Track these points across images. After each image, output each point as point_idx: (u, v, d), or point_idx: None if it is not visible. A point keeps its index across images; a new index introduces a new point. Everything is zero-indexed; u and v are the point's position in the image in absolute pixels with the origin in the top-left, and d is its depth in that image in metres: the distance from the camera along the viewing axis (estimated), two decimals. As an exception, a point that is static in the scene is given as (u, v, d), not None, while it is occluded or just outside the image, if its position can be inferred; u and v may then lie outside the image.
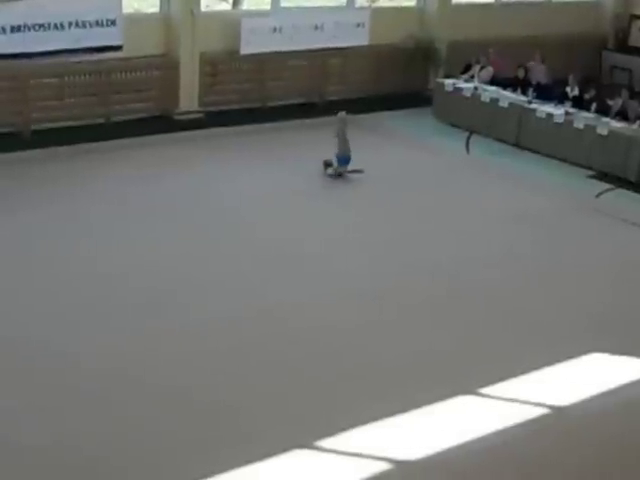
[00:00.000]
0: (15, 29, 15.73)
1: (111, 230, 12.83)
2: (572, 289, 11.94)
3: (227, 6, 20.31)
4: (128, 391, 9.00)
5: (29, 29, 15.88)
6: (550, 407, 9.17)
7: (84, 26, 16.45)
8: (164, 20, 17.82)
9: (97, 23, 16.56)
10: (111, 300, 10.80)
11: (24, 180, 14.49)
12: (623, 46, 23.85)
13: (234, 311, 10.74)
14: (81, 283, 11.18)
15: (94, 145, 16.15)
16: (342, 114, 15.56)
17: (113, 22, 16.69)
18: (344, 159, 15.36)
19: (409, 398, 9.09)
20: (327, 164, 15.42)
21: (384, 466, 8.12)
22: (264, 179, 15.23)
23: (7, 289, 10.98)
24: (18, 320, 10.23)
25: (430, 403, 9.02)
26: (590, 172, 16.51)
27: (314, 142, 16.90)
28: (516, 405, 9.15)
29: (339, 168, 15.31)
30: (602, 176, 16.30)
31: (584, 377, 9.79)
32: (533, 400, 9.24)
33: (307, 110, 19.07)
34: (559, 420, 9.06)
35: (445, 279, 12.00)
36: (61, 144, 15.90)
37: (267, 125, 18.07)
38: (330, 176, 15.32)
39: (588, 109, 17.37)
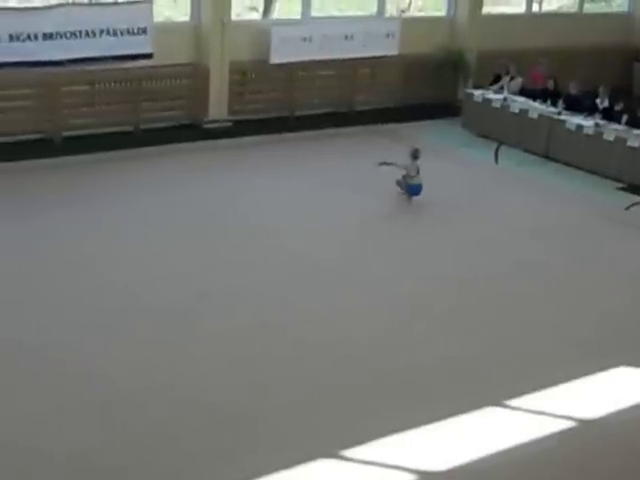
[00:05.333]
0: (47, 37, 15.88)
1: (137, 238, 12.90)
2: (600, 302, 11.85)
3: (257, 15, 20.35)
4: (151, 399, 9.01)
5: (61, 37, 16.02)
6: (577, 420, 9.11)
7: (115, 34, 16.58)
8: (195, 29, 17.91)
9: (128, 31, 16.68)
10: (135, 308, 10.83)
11: (53, 186, 14.61)
12: (654, 58, 23.75)
13: (258, 320, 10.74)
14: (105, 290, 11.23)
15: (124, 152, 16.26)
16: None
17: (144, 30, 16.80)
18: (415, 188, 14.87)
19: (435, 409, 9.06)
20: (414, 155, 14.77)
21: (409, 477, 8.08)
22: (292, 188, 15.25)
23: (32, 293, 11.07)
24: (36, 325, 10.29)
25: (456, 414, 8.98)
26: (620, 184, 16.42)
27: (342, 152, 16.92)
28: (543, 417, 9.09)
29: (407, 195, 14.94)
30: (632, 189, 16.19)
31: (611, 390, 9.71)
32: (560, 413, 9.18)
33: (336, 120, 19.09)
34: (586, 433, 8.99)
35: (471, 290, 11.95)
36: (91, 151, 16.02)
37: (296, 134, 18.11)
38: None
39: (618, 121, 17.28)
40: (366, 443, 8.45)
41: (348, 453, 8.31)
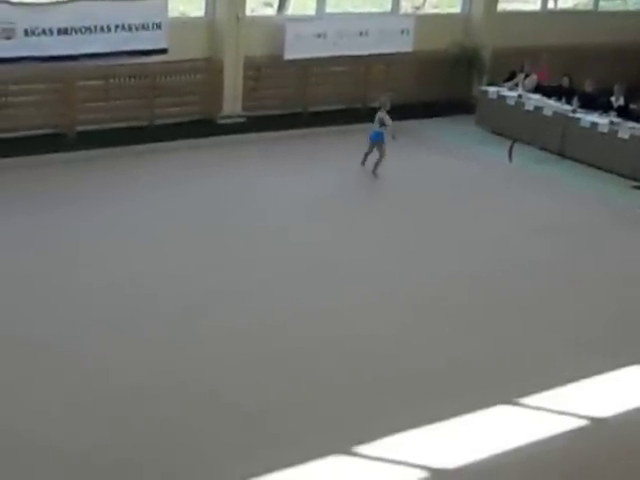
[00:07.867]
0: (62, 31, 15.90)
1: (150, 233, 12.91)
2: (612, 301, 11.80)
3: (272, 11, 20.35)
4: (162, 396, 9.01)
5: (75, 32, 16.04)
6: (588, 419, 9.08)
7: (130, 29, 16.61)
8: (209, 24, 17.93)
9: (143, 26, 16.71)
10: (145, 305, 10.82)
11: (66, 181, 14.65)
12: (671, 56, 23.59)
13: (269, 317, 10.73)
14: (115, 286, 11.22)
15: (137, 147, 16.29)
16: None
17: (159, 25, 16.83)
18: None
19: (446, 406, 9.04)
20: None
21: (420, 474, 8.07)
22: (304, 184, 15.25)
23: (43, 289, 11.07)
24: (45, 322, 10.29)
25: (468, 412, 8.96)
26: (634, 183, 16.36)
27: (355, 149, 16.86)
28: (553, 416, 9.06)
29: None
30: (647, 187, 16.18)
31: (624, 389, 9.68)
32: (570, 412, 9.15)
33: (350, 116, 19.06)
34: (599, 431, 8.96)
35: (483, 288, 11.92)
36: (104, 146, 16.05)
37: (310, 130, 18.11)
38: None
39: (634, 119, 17.19)
40: (376, 440, 8.44)
41: (359, 450, 8.30)
